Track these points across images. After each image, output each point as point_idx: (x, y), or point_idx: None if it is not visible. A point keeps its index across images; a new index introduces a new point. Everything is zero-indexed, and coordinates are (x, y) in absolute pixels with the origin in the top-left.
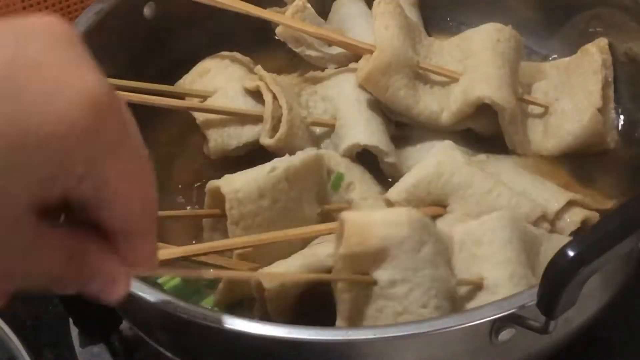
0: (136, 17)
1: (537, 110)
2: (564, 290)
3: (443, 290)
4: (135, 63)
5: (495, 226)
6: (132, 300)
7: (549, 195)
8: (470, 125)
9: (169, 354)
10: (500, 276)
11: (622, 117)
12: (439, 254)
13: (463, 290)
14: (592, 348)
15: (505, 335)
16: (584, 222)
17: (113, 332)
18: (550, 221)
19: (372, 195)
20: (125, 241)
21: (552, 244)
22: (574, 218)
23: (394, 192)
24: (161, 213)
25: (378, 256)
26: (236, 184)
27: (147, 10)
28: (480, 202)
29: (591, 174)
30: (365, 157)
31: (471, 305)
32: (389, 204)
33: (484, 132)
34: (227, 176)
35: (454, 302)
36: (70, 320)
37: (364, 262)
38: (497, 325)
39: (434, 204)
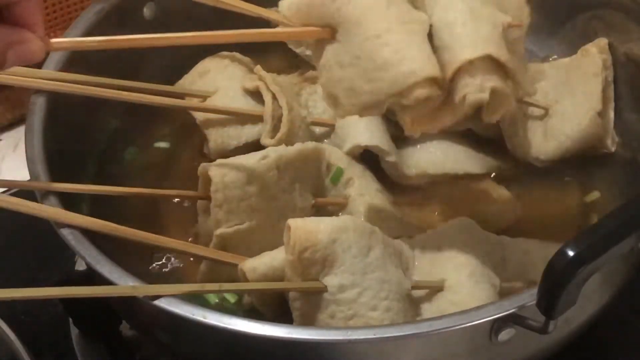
0: (136, 17)
1: (537, 112)
2: (563, 290)
3: (394, 292)
4: (136, 63)
5: (455, 231)
6: (132, 300)
7: (469, 42)
8: (470, 126)
9: (168, 354)
10: (460, 276)
11: (622, 117)
12: (388, 258)
13: (424, 291)
14: (592, 348)
15: (505, 335)
16: (494, 97)
17: (113, 332)
18: (451, 78)
19: (370, 192)
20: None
21: (516, 247)
22: (487, 84)
23: (287, 4)
24: (153, 191)
25: (326, 262)
26: (224, 168)
27: (147, 11)
28: (363, 46)
29: (591, 174)
30: (365, 156)
31: (433, 305)
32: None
33: (484, 132)
34: (218, 160)
35: (410, 303)
36: (70, 320)
37: (313, 268)
38: (497, 325)
39: (327, 26)
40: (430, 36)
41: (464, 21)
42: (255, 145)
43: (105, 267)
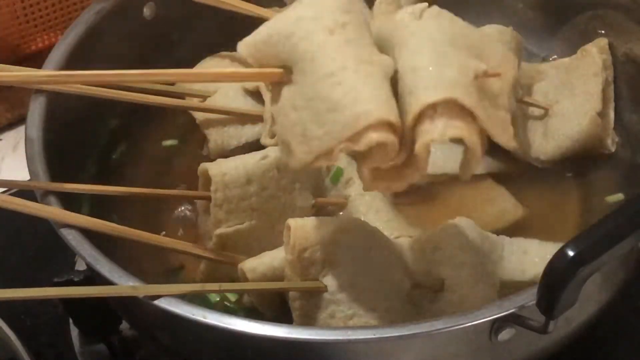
0: (136, 17)
1: (537, 112)
2: (563, 290)
3: (394, 292)
4: (136, 63)
5: (455, 231)
6: (132, 300)
7: (431, 85)
8: None
9: (168, 354)
10: (460, 276)
11: (622, 117)
12: (388, 258)
13: (424, 291)
14: (592, 348)
15: (505, 335)
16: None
17: (113, 332)
18: (413, 125)
19: (370, 192)
20: None
21: (516, 247)
22: (449, 131)
23: (243, 44)
24: (153, 191)
25: (326, 262)
26: (224, 168)
27: (147, 10)
28: (316, 85)
29: (591, 174)
30: None
31: (435, 305)
32: (243, 60)
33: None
34: (219, 160)
35: (410, 303)
36: (70, 320)
37: (312, 268)
38: (497, 325)
39: (284, 67)
40: (396, 84)
41: (428, 64)
42: (255, 145)
43: (105, 267)
